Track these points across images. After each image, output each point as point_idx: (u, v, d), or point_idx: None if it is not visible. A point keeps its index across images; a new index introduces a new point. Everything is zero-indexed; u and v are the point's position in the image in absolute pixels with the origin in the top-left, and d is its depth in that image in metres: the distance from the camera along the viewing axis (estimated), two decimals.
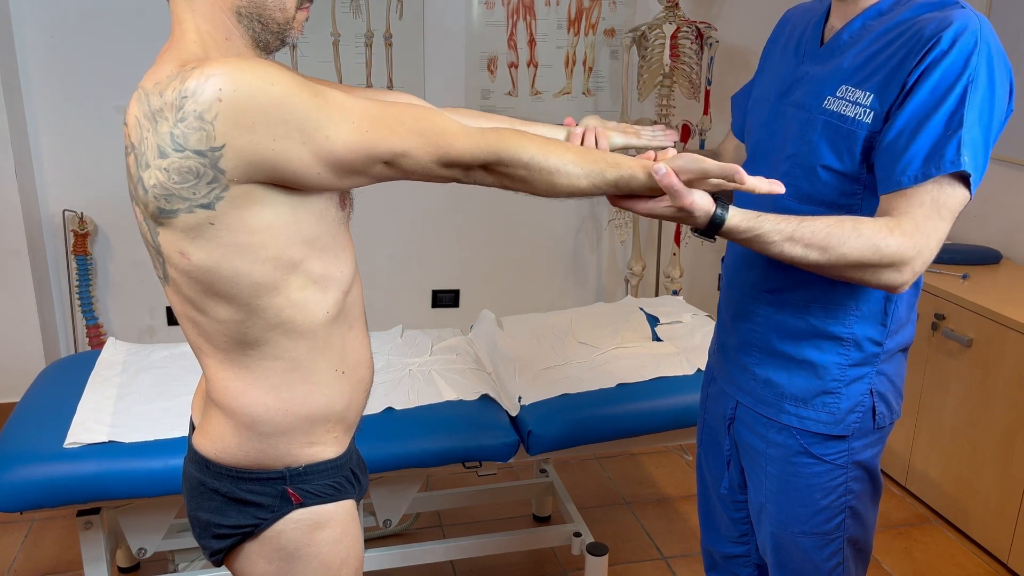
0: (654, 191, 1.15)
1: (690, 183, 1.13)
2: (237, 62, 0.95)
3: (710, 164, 1.11)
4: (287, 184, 1.00)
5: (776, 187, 1.12)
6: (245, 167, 0.97)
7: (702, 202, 1.14)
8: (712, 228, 1.16)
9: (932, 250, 1.18)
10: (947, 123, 1.15)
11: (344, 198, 1.14)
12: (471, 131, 1.08)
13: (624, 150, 1.41)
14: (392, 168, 1.05)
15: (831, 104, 1.26)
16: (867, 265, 1.16)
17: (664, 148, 1.36)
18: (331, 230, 1.09)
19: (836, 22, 1.32)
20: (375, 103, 1.04)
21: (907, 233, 1.15)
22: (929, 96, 1.16)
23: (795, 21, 1.43)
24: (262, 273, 1.03)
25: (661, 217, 1.18)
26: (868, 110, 1.21)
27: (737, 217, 1.16)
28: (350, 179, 1.04)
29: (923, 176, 1.15)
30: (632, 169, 1.14)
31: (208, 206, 0.98)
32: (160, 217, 1.00)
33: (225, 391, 1.11)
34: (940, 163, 1.14)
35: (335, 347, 1.13)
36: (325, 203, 1.08)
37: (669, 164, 1.13)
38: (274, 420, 1.11)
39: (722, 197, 1.18)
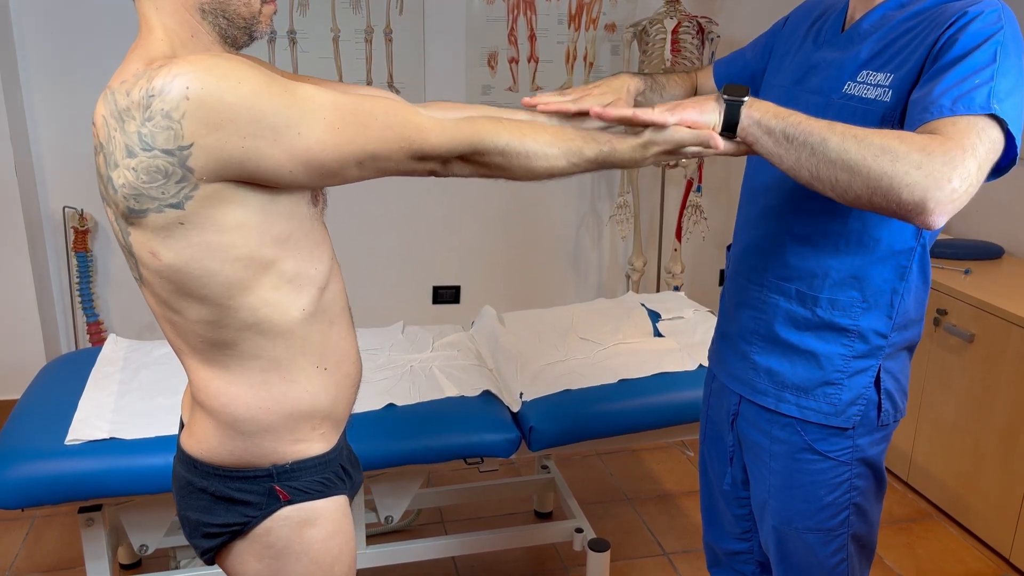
0: (637, 162, 1.14)
1: (666, 154, 1.12)
2: (205, 59, 0.94)
3: (684, 133, 1.10)
4: (260, 183, 0.99)
5: None
6: (214, 166, 0.95)
7: (691, 107, 1.10)
8: (732, 111, 1.09)
9: (969, 170, 1.01)
10: (978, 71, 1.08)
11: (316, 194, 1.13)
12: (444, 123, 1.07)
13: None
14: (366, 169, 1.04)
15: (852, 89, 1.25)
16: (896, 155, 1.02)
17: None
18: (303, 227, 1.08)
19: (856, 11, 1.32)
20: (347, 96, 1.02)
21: (943, 137, 1.03)
22: (958, 53, 1.11)
23: (816, 12, 1.43)
24: (233, 272, 1.02)
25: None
26: (887, 89, 1.20)
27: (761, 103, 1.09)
28: (324, 180, 1.03)
29: (950, 112, 1.06)
30: (611, 143, 1.13)
31: (177, 206, 0.97)
32: (130, 217, 0.99)
33: (207, 391, 1.10)
34: (970, 104, 1.06)
35: (314, 344, 1.12)
36: (296, 200, 1.06)
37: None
38: (256, 418, 1.10)
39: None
